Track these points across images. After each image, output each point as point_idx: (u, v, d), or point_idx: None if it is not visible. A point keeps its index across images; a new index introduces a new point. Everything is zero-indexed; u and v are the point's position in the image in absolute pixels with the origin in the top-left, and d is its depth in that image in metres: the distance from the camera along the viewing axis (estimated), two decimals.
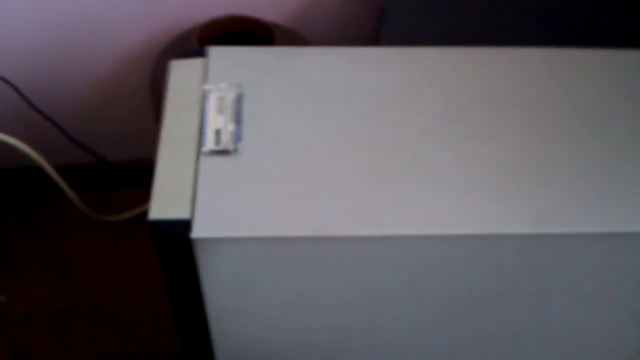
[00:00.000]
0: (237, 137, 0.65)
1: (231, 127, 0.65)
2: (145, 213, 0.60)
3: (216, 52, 0.72)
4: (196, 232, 0.57)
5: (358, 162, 0.64)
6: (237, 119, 0.66)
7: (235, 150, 0.63)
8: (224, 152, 0.63)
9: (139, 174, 1.34)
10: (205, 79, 0.70)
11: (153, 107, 1.07)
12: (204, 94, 0.68)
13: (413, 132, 0.66)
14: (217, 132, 0.65)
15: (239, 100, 0.68)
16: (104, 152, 1.31)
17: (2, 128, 1.17)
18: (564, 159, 0.65)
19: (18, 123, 1.23)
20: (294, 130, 0.66)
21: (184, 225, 0.58)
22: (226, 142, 0.64)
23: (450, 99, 0.70)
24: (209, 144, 0.64)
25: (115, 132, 1.29)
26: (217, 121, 0.66)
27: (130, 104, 1.24)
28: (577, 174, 0.64)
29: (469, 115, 0.68)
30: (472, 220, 0.60)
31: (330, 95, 0.69)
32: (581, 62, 0.74)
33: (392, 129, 0.67)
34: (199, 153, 0.63)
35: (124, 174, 1.35)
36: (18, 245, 1.30)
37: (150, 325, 1.19)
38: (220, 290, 0.64)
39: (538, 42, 0.93)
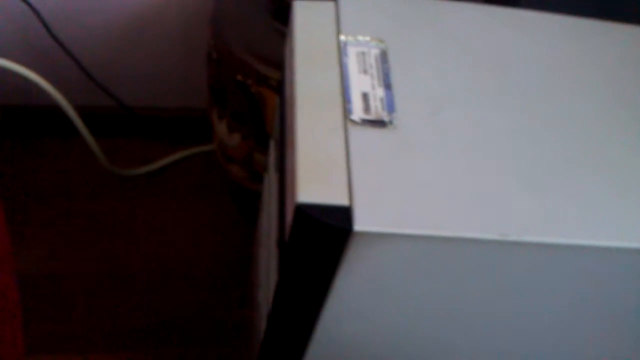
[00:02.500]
0: (390, 105, 0.52)
1: (380, 91, 0.53)
2: (166, 168, 0.47)
3: None
4: (360, 224, 0.45)
5: (532, 146, 0.52)
6: (386, 82, 0.54)
7: (391, 122, 0.51)
8: (377, 123, 0.51)
9: (161, 124, 1.20)
10: (339, 27, 0.57)
11: (213, 47, 0.92)
12: (342, 47, 0.55)
13: (588, 112, 0.55)
14: (365, 97, 0.52)
15: (384, 58, 0.55)
16: (128, 97, 1.16)
17: (20, 60, 1.01)
18: None
19: (35, 54, 1.06)
20: (455, 101, 0.54)
21: (344, 215, 0.46)
22: (378, 110, 0.52)
23: (621, 77, 0.59)
24: (358, 111, 0.51)
25: (143, 77, 1.14)
26: (363, 83, 0.53)
27: (167, 45, 1.08)
28: None
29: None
30: None
31: (491, 60, 0.57)
32: None
33: (564, 107, 0.55)
34: (346, 121, 0.51)
35: (144, 122, 1.20)
36: (20, 196, 1.14)
37: (173, 293, 1.06)
38: (355, 292, 0.52)
39: None
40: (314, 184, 0.47)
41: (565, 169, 0.51)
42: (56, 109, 1.04)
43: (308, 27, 0.57)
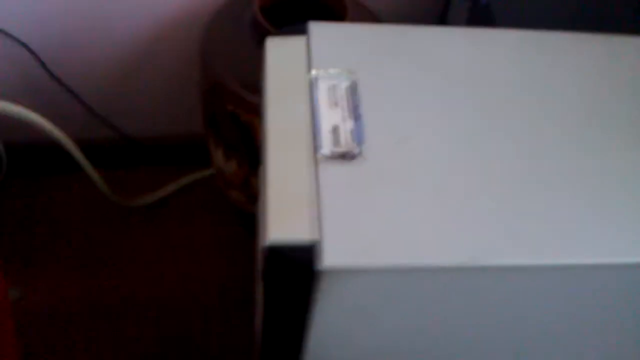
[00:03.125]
0: (359, 136, 0.53)
1: (350, 124, 0.54)
2: (170, 195, 0.48)
3: (318, 29, 0.60)
4: (328, 261, 0.46)
5: (500, 169, 0.53)
6: (356, 114, 0.54)
7: (360, 154, 0.52)
8: (346, 156, 0.52)
9: (162, 152, 1.22)
10: (310, 61, 0.58)
11: (202, 79, 0.94)
12: (312, 82, 0.56)
13: (560, 130, 0.56)
14: (335, 130, 0.53)
15: (353, 90, 0.56)
16: (128, 128, 1.18)
17: (20, 99, 1.03)
18: None
19: (37, 94, 1.09)
20: (423, 128, 0.54)
21: (312, 251, 0.47)
22: (347, 142, 0.53)
23: (593, 92, 0.59)
24: (327, 144, 0.52)
25: (144, 106, 1.16)
26: (332, 116, 0.54)
27: (166, 76, 1.10)
28: None
29: (620, 113, 0.58)
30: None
31: (459, 85, 0.58)
32: None
33: (536, 128, 0.56)
34: (316, 156, 0.52)
35: (147, 152, 1.22)
36: (32, 232, 1.16)
37: (185, 320, 1.07)
38: (335, 320, 0.53)
39: None
40: (284, 222, 0.48)
41: (533, 192, 0.52)
42: (58, 144, 1.06)
43: (279, 63, 0.58)
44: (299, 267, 0.47)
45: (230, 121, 0.89)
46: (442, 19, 1.04)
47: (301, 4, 0.92)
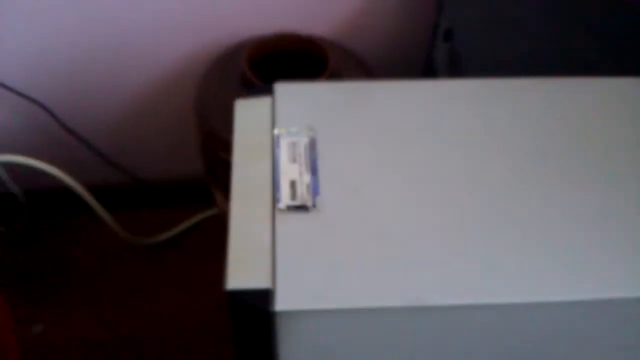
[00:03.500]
0: (315, 189, 0.59)
1: (307, 178, 0.60)
2: (181, 234, 0.54)
3: (283, 89, 0.66)
4: (279, 305, 0.52)
5: (450, 214, 0.58)
6: (313, 168, 0.60)
7: (314, 206, 0.58)
8: (301, 208, 0.57)
9: (175, 192, 1.30)
10: (274, 120, 0.64)
11: (198, 128, 1.01)
12: (275, 139, 0.62)
13: (504, 179, 0.60)
14: (292, 184, 0.59)
15: (312, 146, 0.62)
16: (138, 171, 1.26)
17: (33, 151, 1.12)
18: None
19: (51, 144, 1.17)
20: (375, 179, 0.60)
21: (266, 296, 0.52)
22: (303, 196, 0.58)
23: (538, 138, 0.64)
24: (285, 198, 0.58)
25: (152, 151, 1.24)
26: (291, 171, 0.60)
27: (169, 123, 1.18)
28: None
29: (560, 156, 0.62)
30: (574, 285, 0.54)
31: (410, 137, 0.63)
32: None
33: (480, 174, 0.61)
34: (274, 209, 0.58)
35: (159, 193, 1.29)
36: (53, 271, 1.24)
37: (201, 356, 1.13)
38: (300, 356, 0.58)
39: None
40: (242, 270, 0.54)
41: (478, 233, 0.56)
42: (72, 190, 1.14)
43: (246, 123, 0.64)
44: (254, 310, 0.52)
45: (224, 167, 0.96)
46: (428, 60, 1.09)
47: (288, 55, 0.98)
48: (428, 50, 1.09)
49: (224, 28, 1.03)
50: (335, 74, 0.94)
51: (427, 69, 1.12)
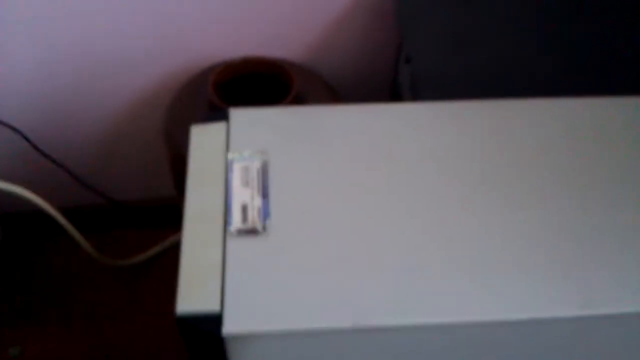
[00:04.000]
0: (265, 213, 0.60)
1: (258, 201, 0.61)
2: (157, 255, 0.55)
3: (237, 115, 0.68)
4: (227, 328, 0.53)
5: (396, 238, 0.59)
6: (264, 192, 0.62)
7: (264, 229, 0.59)
8: (252, 232, 0.59)
9: (149, 214, 1.30)
10: (227, 145, 0.65)
11: (168, 152, 1.03)
12: (228, 164, 0.64)
13: (451, 202, 0.62)
14: (244, 208, 0.60)
15: (264, 170, 0.63)
16: (113, 193, 1.27)
17: (7, 174, 1.13)
18: (607, 228, 0.60)
19: (25, 167, 1.18)
20: (324, 202, 0.61)
21: (214, 320, 0.53)
22: (254, 220, 0.60)
23: (484, 161, 0.65)
24: (236, 222, 0.59)
25: (125, 173, 1.25)
26: (243, 195, 0.61)
27: (142, 145, 1.19)
28: (622, 245, 0.59)
29: (504, 180, 0.64)
30: (511, 305, 0.55)
31: (360, 160, 0.65)
32: (628, 112, 0.70)
33: (429, 197, 0.62)
34: (225, 233, 0.59)
35: (133, 215, 1.30)
36: (28, 293, 1.25)
37: None
38: None
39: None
40: (191, 295, 0.55)
41: (425, 255, 0.58)
42: (46, 213, 1.15)
43: (201, 149, 0.66)
44: (203, 334, 0.53)
45: None
46: (394, 83, 1.11)
47: (255, 79, 1.00)
48: (394, 73, 1.11)
49: (193, 53, 1.04)
50: (301, 97, 0.96)
51: (393, 92, 1.14)
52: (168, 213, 1.30)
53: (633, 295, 0.56)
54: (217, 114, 0.69)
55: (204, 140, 0.66)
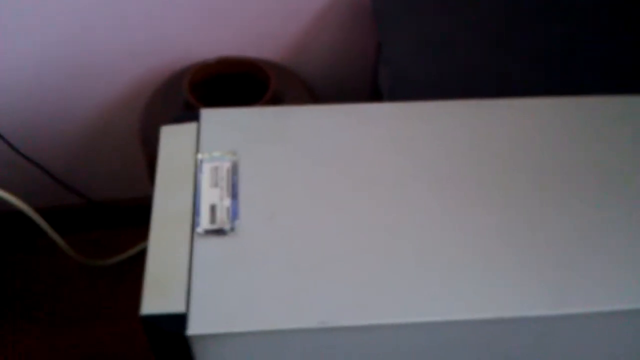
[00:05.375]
0: (234, 213, 0.60)
1: (227, 202, 0.61)
2: (136, 255, 0.55)
3: (208, 115, 0.68)
4: (192, 329, 0.53)
5: (363, 239, 0.59)
6: (233, 193, 0.62)
7: (232, 229, 0.59)
8: (219, 232, 0.59)
9: (128, 214, 1.30)
10: (197, 146, 0.65)
11: (144, 152, 1.02)
12: (197, 164, 0.63)
13: (420, 202, 0.62)
14: (212, 208, 0.60)
15: (234, 170, 0.63)
16: (92, 193, 1.26)
17: None
18: (579, 227, 0.61)
19: (3, 168, 1.18)
20: (293, 203, 0.61)
21: (179, 321, 0.53)
22: (222, 220, 0.59)
23: (457, 161, 0.65)
24: (204, 222, 0.59)
25: (104, 173, 1.24)
26: (212, 195, 0.61)
27: (121, 145, 1.19)
28: (594, 245, 0.59)
29: (477, 179, 0.64)
30: (483, 304, 0.56)
31: (330, 160, 0.65)
32: (596, 112, 0.70)
33: (398, 198, 0.62)
34: (193, 233, 0.59)
35: (112, 214, 1.30)
36: (7, 295, 1.24)
37: None
38: None
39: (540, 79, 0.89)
40: (157, 295, 0.55)
41: (392, 255, 0.58)
42: (25, 214, 1.14)
43: (171, 149, 0.65)
44: (168, 334, 0.53)
45: None
46: (374, 83, 1.11)
47: (232, 79, 1.00)
48: (375, 73, 1.11)
49: (170, 54, 1.04)
50: (278, 97, 0.96)
51: (373, 92, 1.14)
52: (147, 213, 1.30)
53: (605, 295, 0.57)
54: (188, 114, 0.68)
55: (173, 140, 0.66)
